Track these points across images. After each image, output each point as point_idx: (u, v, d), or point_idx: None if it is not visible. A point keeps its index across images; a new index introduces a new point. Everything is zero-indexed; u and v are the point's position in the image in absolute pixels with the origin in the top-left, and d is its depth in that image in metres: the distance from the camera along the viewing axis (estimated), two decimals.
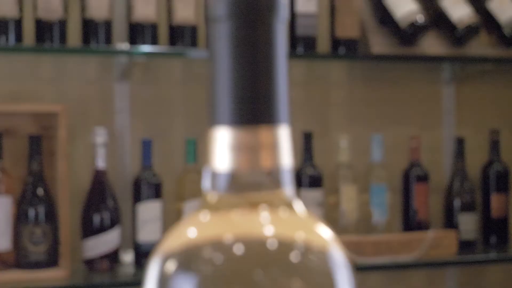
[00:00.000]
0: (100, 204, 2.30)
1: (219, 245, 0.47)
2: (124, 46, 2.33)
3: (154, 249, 1.96)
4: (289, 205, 0.49)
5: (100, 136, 2.29)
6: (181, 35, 2.36)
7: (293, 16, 2.47)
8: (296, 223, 0.49)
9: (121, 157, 2.43)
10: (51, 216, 2.22)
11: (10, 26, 2.20)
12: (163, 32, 2.39)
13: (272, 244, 0.47)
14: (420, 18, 2.56)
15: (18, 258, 2.20)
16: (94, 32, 2.27)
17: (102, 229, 2.30)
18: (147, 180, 2.34)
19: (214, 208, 0.49)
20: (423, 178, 2.64)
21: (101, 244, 2.29)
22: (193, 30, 2.37)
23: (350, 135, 2.58)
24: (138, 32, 2.32)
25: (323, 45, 2.57)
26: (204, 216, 0.49)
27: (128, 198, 2.39)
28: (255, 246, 0.47)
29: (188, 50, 2.35)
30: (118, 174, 2.40)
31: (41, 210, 2.20)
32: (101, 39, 2.27)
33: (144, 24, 2.32)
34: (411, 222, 2.64)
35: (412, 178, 2.63)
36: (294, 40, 2.48)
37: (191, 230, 0.48)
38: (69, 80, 2.38)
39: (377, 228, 2.60)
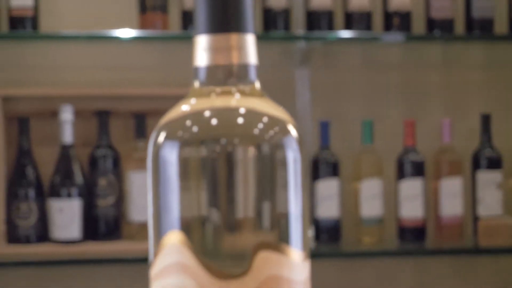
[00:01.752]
0: None
1: (196, 117, 0.61)
2: (302, 33, 2.49)
3: (332, 225, 2.11)
4: (257, 94, 0.63)
5: None
6: (356, 21, 2.47)
7: None
8: (263, 105, 0.62)
9: (302, 137, 2.57)
10: None
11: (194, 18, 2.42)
12: (338, 19, 2.52)
13: (239, 117, 0.60)
14: None
15: None
16: (274, 21, 2.44)
17: None
18: (325, 160, 2.48)
19: (197, 94, 0.64)
20: None
21: None
22: (368, 16, 2.48)
23: None
24: (315, 19, 2.47)
25: (501, 27, 2.58)
26: (190, 100, 0.64)
27: (307, 176, 2.53)
28: (226, 118, 0.61)
29: (364, 35, 2.46)
30: None
31: None
32: (280, 27, 2.44)
33: (321, 11, 2.46)
34: None
35: None
36: (470, 23, 2.52)
37: (178, 109, 0.64)
38: None
39: None
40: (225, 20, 0.61)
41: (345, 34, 2.47)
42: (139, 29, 2.40)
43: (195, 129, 0.60)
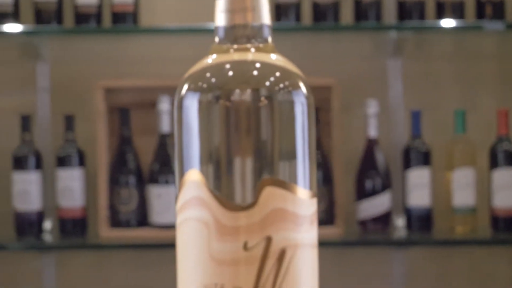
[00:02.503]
0: (372, 170, 2.50)
1: (214, 69, 0.69)
2: (394, 23, 2.51)
3: (424, 214, 2.13)
4: (270, 50, 0.69)
5: (372, 108, 2.49)
6: (448, 10, 2.48)
7: None
8: (276, 60, 0.69)
9: (394, 127, 2.60)
10: (327, 180, 2.47)
11: (290, 10, 2.48)
12: (430, 8, 2.53)
13: (254, 69, 0.67)
14: None
15: None
16: (365, 12, 2.48)
17: (374, 193, 2.50)
18: (417, 149, 2.50)
19: (217, 51, 0.71)
20: None
21: (373, 206, 2.49)
22: (460, 4, 2.48)
23: None
24: (406, 9, 2.49)
25: None
26: (211, 56, 0.72)
27: (399, 165, 2.56)
28: (241, 69, 0.68)
29: (457, 24, 2.46)
30: (390, 143, 2.59)
31: (319, 174, 2.46)
32: (371, 18, 2.47)
33: (412, 1, 2.48)
34: None
35: None
36: None
37: (200, 64, 0.71)
38: (344, 56, 2.61)
39: None
40: None
41: (438, 23, 2.48)
42: None
43: (213, 80, 0.68)
